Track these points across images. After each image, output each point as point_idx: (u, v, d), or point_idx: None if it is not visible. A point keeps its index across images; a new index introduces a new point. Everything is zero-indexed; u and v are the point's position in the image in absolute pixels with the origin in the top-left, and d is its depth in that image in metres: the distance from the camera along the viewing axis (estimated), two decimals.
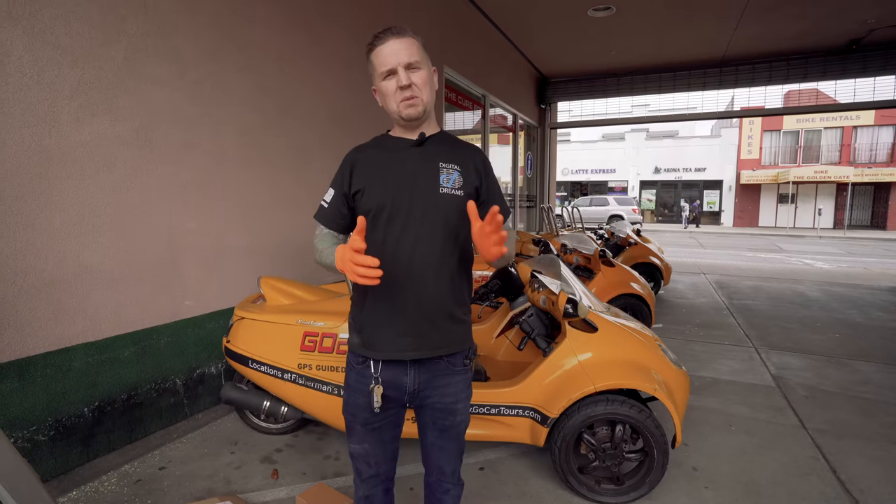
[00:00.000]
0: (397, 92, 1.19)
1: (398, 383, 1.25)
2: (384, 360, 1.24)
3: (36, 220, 2.08)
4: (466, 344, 1.31)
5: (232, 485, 2.19)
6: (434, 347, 1.24)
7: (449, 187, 1.22)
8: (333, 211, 1.27)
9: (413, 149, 1.25)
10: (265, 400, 2.43)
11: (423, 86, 1.21)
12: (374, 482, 1.36)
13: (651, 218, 25.36)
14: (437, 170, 1.23)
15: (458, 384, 1.30)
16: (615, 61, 8.68)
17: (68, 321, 2.22)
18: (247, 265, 3.13)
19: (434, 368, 1.26)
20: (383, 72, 1.20)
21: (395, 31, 1.19)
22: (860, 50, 7.79)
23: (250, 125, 3.10)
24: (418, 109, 1.21)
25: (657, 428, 2.02)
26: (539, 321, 2.45)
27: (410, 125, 1.25)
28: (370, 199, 1.22)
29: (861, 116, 21.16)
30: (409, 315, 1.21)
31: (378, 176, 1.23)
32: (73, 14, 2.17)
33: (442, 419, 1.30)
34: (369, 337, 1.25)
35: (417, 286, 1.20)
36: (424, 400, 1.29)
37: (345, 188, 1.26)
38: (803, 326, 5.05)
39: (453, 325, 1.26)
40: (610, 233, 6.83)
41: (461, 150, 1.30)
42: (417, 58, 1.19)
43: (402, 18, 4.75)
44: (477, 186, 1.27)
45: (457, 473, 1.40)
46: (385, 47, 1.18)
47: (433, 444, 1.35)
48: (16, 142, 2.00)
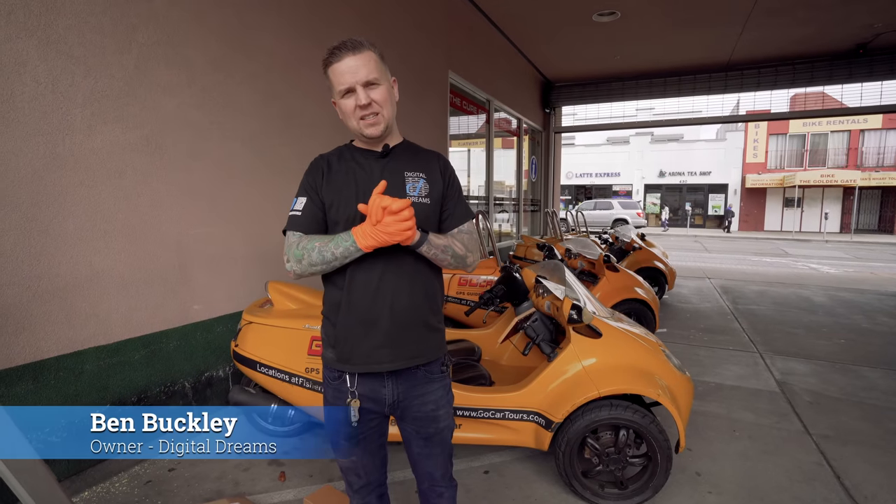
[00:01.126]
0: (357, 110, 1.19)
1: (376, 396, 1.25)
2: (360, 374, 1.24)
3: (50, 226, 2.13)
4: (442, 351, 1.31)
5: (240, 486, 2.22)
6: (410, 357, 1.23)
7: (416, 195, 1.23)
8: (310, 218, 1.23)
9: (378, 160, 1.26)
10: (272, 403, 2.46)
11: (384, 103, 1.20)
12: (366, 491, 1.37)
13: (655, 222, 25.30)
14: (402, 179, 1.24)
15: (437, 391, 1.30)
16: (620, 66, 8.70)
17: (80, 325, 2.26)
18: (254, 270, 3.17)
19: (412, 378, 1.26)
20: (341, 90, 1.18)
21: (351, 46, 1.16)
22: (867, 54, 7.77)
23: (257, 133, 3.15)
24: (379, 128, 1.21)
25: (661, 433, 2.03)
26: (543, 326, 2.47)
27: (373, 141, 1.25)
28: (340, 212, 1.22)
29: (869, 120, 21.04)
30: (383, 326, 1.20)
31: (346, 188, 1.23)
32: (86, 24, 2.22)
33: (425, 427, 1.31)
34: (344, 351, 1.23)
35: (391, 297, 1.19)
36: (405, 410, 1.28)
37: (320, 194, 1.24)
38: (808, 332, 5.04)
39: (428, 333, 1.26)
40: (614, 237, 6.84)
41: (424, 157, 1.31)
42: (376, 74, 1.18)
43: (406, 24, 4.80)
44: (441, 192, 1.28)
45: (448, 476, 1.40)
46: (341, 64, 1.16)
47: (419, 453, 1.35)
48: (31, 149, 2.05)
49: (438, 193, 1.27)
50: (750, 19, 6.44)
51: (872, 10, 6.17)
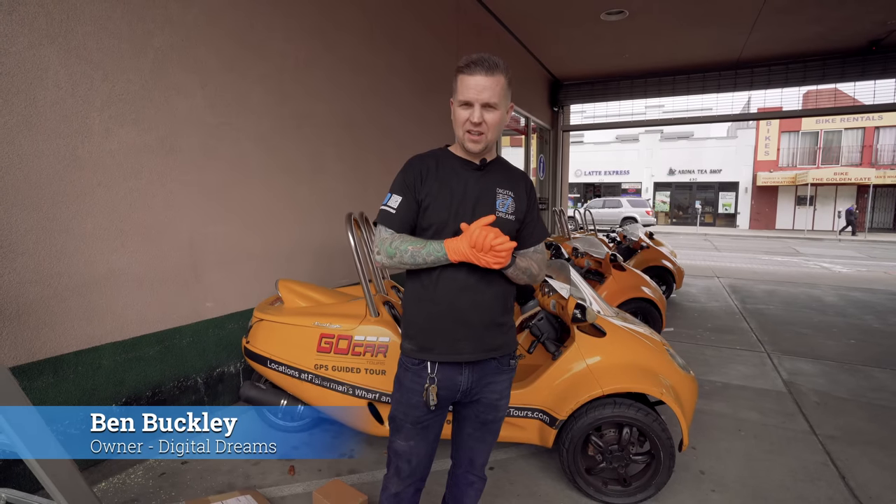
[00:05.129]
0: (467, 123, 1.27)
1: (452, 383, 1.35)
2: (440, 362, 1.34)
3: (70, 226, 2.20)
4: (514, 346, 1.45)
5: (251, 479, 2.28)
6: (489, 350, 1.36)
7: (504, 212, 1.34)
8: (404, 217, 1.32)
9: (474, 172, 1.35)
10: (282, 399, 2.52)
11: (493, 126, 1.28)
12: (409, 481, 1.43)
13: (665, 220, 25.11)
14: (494, 195, 1.34)
15: (503, 382, 1.42)
16: (628, 64, 8.66)
17: (98, 321, 2.34)
18: (265, 268, 3.23)
19: (486, 368, 1.38)
20: (462, 101, 1.27)
21: (488, 67, 1.23)
22: (880, 51, 7.65)
23: (268, 133, 3.21)
24: (479, 146, 1.30)
25: (664, 431, 2.06)
26: (549, 325, 2.50)
27: (471, 153, 1.33)
28: (434, 215, 1.31)
29: (884, 117, 20.68)
30: (467, 324, 1.32)
31: (442, 194, 1.31)
32: (104, 30, 2.29)
33: (486, 413, 1.42)
34: (428, 342, 1.34)
35: (474, 299, 1.31)
36: (473, 397, 1.40)
37: (418, 195, 1.32)
38: (818, 332, 5.00)
39: (503, 328, 1.39)
40: (622, 236, 6.82)
41: (514, 177, 1.41)
42: (496, 99, 1.25)
43: (414, 25, 4.83)
44: (525, 212, 1.40)
45: (483, 466, 1.51)
46: (472, 79, 1.24)
47: (471, 434, 1.45)
48: (52, 152, 2.12)
49: (521, 213, 1.38)
50: (760, 17, 6.39)
51: (885, 6, 6.09)
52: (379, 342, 2.29)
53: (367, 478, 2.30)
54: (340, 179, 3.90)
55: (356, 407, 2.32)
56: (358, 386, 2.30)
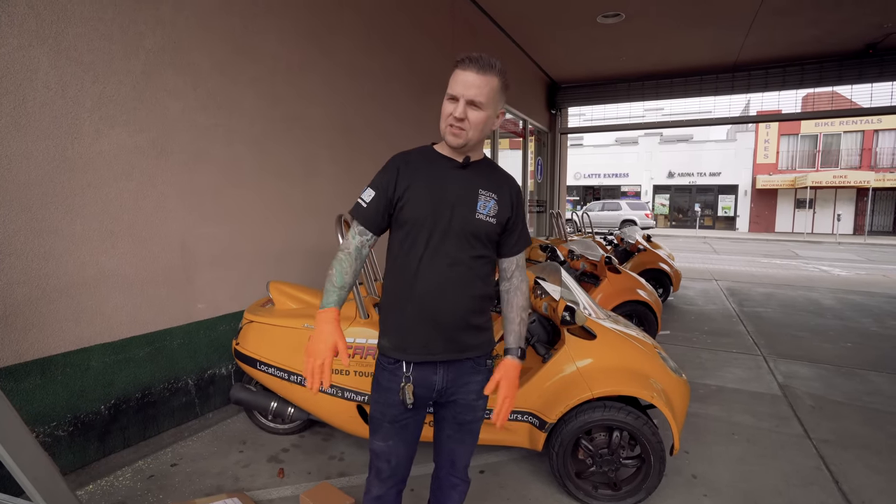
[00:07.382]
0: (450, 117, 1.26)
1: (427, 382, 1.35)
2: (415, 362, 1.33)
3: (59, 227, 2.19)
4: (490, 347, 1.44)
5: (240, 482, 2.27)
6: (462, 350, 1.35)
7: (485, 214, 1.32)
8: (373, 212, 1.32)
9: (457, 170, 1.33)
10: (272, 401, 2.51)
11: (475, 125, 1.26)
12: (390, 482, 1.42)
13: (664, 223, 25.09)
14: (476, 195, 1.32)
15: (480, 383, 1.41)
16: (626, 67, 8.67)
17: (87, 322, 2.33)
18: (256, 270, 3.23)
19: (461, 368, 1.37)
20: (449, 94, 1.26)
21: (481, 66, 1.22)
22: (877, 54, 7.67)
23: (260, 135, 3.21)
24: (458, 141, 1.28)
25: (654, 435, 2.04)
26: (541, 327, 2.49)
27: (455, 150, 1.33)
28: (411, 211, 1.29)
29: (883, 120, 20.69)
30: (439, 325, 1.31)
31: (421, 190, 1.30)
32: (95, 31, 2.29)
33: (463, 414, 1.41)
34: (402, 342, 1.33)
35: (448, 300, 1.30)
36: (450, 397, 1.39)
37: (389, 193, 1.31)
38: (815, 335, 4.99)
39: (479, 332, 1.39)
40: (619, 238, 6.81)
41: (499, 179, 1.39)
42: (483, 99, 1.23)
43: (410, 29, 4.84)
44: (508, 217, 1.37)
45: (465, 467, 1.49)
46: (463, 74, 1.23)
47: (450, 436, 1.44)
48: (42, 153, 2.12)
49: (504, 217, 1.36)
50: (757, 19, 6.40)
51: (882, 9, 6.09)
52: (368, 344, 2.28)
53: (357, 481, 2.28)
54: (334, 181, 3.90)
55: (346, 409, 2.31)
56: (347, 388, 2.30)
